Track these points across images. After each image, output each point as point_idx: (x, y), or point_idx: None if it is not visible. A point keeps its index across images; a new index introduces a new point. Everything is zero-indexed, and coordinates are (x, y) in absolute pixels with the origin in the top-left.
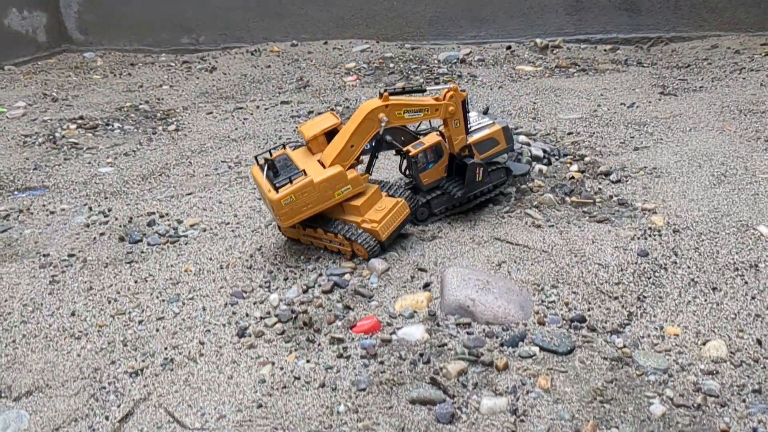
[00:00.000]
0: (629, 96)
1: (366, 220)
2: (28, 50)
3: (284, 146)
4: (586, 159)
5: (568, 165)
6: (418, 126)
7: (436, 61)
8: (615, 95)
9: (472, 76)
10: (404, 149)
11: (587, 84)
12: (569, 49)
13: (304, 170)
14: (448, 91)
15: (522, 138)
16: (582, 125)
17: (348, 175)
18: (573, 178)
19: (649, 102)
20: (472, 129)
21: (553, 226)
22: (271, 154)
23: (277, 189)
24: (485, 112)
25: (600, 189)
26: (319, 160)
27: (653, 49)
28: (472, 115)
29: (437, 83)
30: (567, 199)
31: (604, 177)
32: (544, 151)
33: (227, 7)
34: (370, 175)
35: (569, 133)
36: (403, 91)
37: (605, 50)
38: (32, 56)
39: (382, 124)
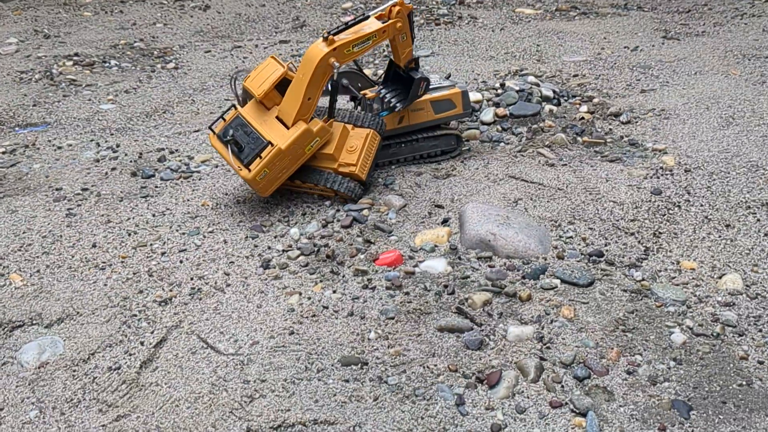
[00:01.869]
0: (632, 40)
1: (342, 164)
2: None
3: (234, 106)
4: (595, 100)
5: (577, 106)
6: (379, 78)
7: (434, 2)
8: (618, 39)
9: (472, 17)
10: (361, 94)
11: (589, 27)
12: None
13: (269, 141)
14: (394, 6)
15: (531, 78)
16: (587, 68)
17: (313, 129)
18: (583, 118)
19: (653, 46)
20: (432, 87)
21: (566, 165)
22: (224, 119)
23: (248, 167)
24: (447, 78)
25: (611, 130)
26: (277, 117)
27: None
28: (434, 77)
29: (437, 24)
30: (578, 138)
31: (613, 118)
32: (554, 91)
33: None
34: (334, 119)
35: (575, 75)
36: (347, 26)
37: None
38: None
39: (335, 70)
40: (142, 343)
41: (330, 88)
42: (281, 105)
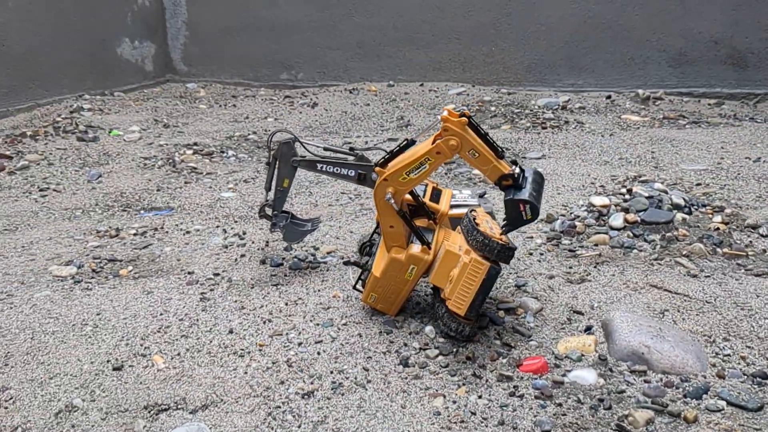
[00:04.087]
0: (752, 150)
1: (446, 296)
2: (136, 78)
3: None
4: (727, 211)
5: (710, 216)
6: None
7: (537, 107)
8: (736, 149)
9: (579, 122)
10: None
11: (703, 136)
12: (671, 101)
13: (371, 268)
14: (443, 120)
15: (657, 185)
16: (709, 177)
17: (400, 258)
18: (718, 229)
19: None
20: (455, 203)
21: (709, 276)
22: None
23: (359, 290)
24: (481, 196)
25: (750, 242)
26: None
27: (760, 105)
28: (464, 193)
29: (544, 128)
30: (718, 250)
31: (752, 230)
32: (684, 199)
33: (327, 46)
34: (430, 248)
35: (698, 185)
36: (393, 155)
37: (709, 104)
38: (139, 84)
39: (391, 201)
40: None
41: (272, 159)
42: None
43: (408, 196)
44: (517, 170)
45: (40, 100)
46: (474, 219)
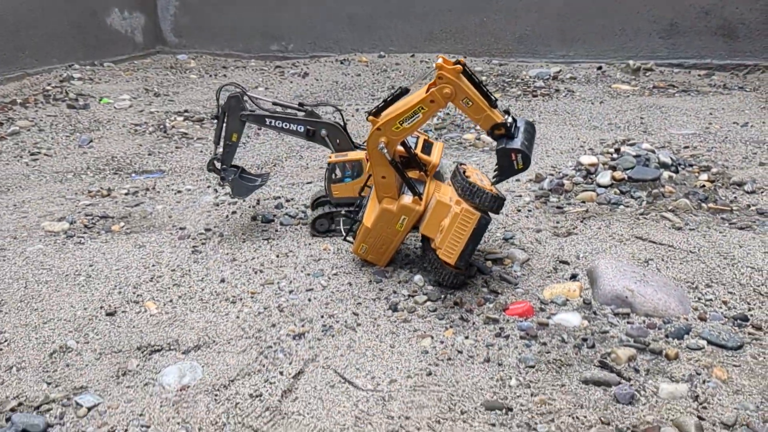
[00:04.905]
0: (740, 116)
1: (437, 245)
2: (126, 49)
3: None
4: (714, 170)
5: (696, 174)
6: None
7: (528, 77)
8: (725, 115)
9: (570, 91)
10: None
11: (692, 104)
12: (662, 72)
13: (362, 219)
14: (438, 71)
15: (645, 145)
16: (697, 140)
17: (391, 209)
18: (704, 186)
19: (764, 122)
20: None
21: (694, 229)
22: (369, 186)
23: (350, 241)
24: None
25: (735, 198)
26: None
27: (750, 76)
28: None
29: (534, 96)
30: (703, 205)
31: (737, 187)
32: (671, 159)
33: (318, 18)
34: (422, 199)
35: (685, 147)
36: (386, 103)
37: (699, 75)
38: (129, 55)
39: (384, 151)
40: (281, 373)
41: (220, 113)
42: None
43: (400, 148)
44: (510, 120)
45: (29, 69)
46: (464, 172)
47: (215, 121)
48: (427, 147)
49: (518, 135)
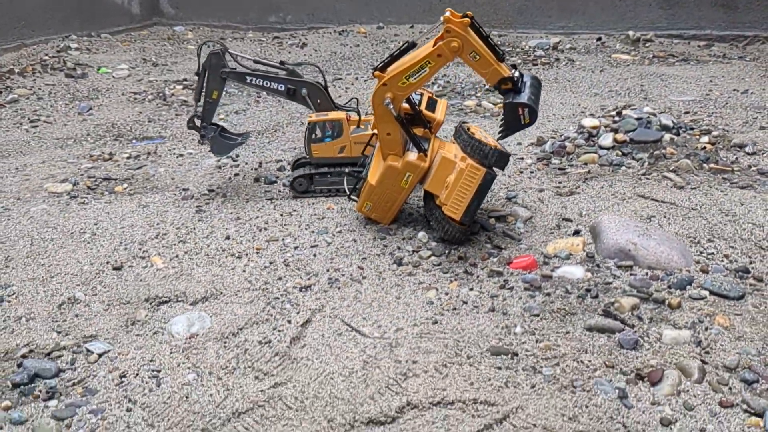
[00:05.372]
0: (740, 84)
1: (442, 201)
2: (123, 21)
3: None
4: (714, 133)
5: (697, 137)
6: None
7: (528, 47)
8: (725, 82)
9: (570, 60)
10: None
11: (692, 72)
12: (662, 43)
13: (366, 177)
14: (445, 24)
15: (647, 109)
16: (698, 106)
17: (396, 165)
18: (705, 148)
19: (764, 89)
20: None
21: (695, 188)
22: (372, 145)
23: (354, 199)
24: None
25: (736, 159)
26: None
27: (749, 47)
28: None
29: (534, 64)
30: (704, 165)
31: (738, 149)
32: (672, 122)
33: None
34: (427, 155)
35: (686, 113)
36: (393, 58)
37: (699, 46)
38: (126, 27)
39: (390, 107)
40: (289, 322)
41: (201, 70)
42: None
43: (405, 105)
44: (517, 74)
45: (26, 40)
46: (468, 129)
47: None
48: (432, 104)
49: (525, 89)
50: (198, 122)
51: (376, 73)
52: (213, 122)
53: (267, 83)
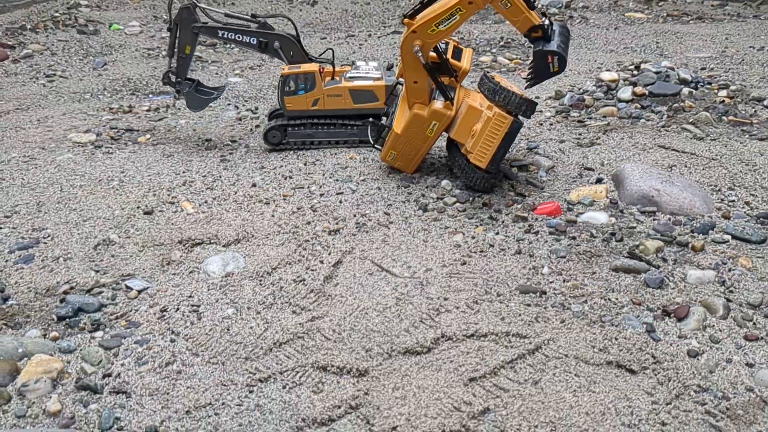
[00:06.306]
0: (756, 41)
1: (468, 149)
2: None
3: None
4: (732, 87)
5: (715, 91)
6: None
7: (541, 5)
8: (741, 40)
9: (584, 18)
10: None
11: (707, 30)
12: (675, 2)
13: (390, 125)
14: None
15: (665, 63)
16: (714, 63)
17: (423, 114)
18: (723, 101)
19: None
20: (357, 76)
21: (715, 140)
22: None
23: (378, 148)
24: (388, 69)
25: (755, 112)
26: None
27: (763, 6)
28: (372, 64)
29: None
30: (723, 118)
31: (756, 102)
32: (691, 76)
33: None
34: (453, 104)
35: (702, 69)
36: (423, 5)
37: (713, 5)
38: None
39: (419, 54)
40: (321, 262)
41: (173, 24)
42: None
43: (432, 53)
44: (547, 22)
45: None
46: (493, 78)
47: (226, 45)
48: (457, 53)
49: (555, 37)
50: (173, 78)
51: (406, 20)
52: (188, 77)
53: (239, 37)
